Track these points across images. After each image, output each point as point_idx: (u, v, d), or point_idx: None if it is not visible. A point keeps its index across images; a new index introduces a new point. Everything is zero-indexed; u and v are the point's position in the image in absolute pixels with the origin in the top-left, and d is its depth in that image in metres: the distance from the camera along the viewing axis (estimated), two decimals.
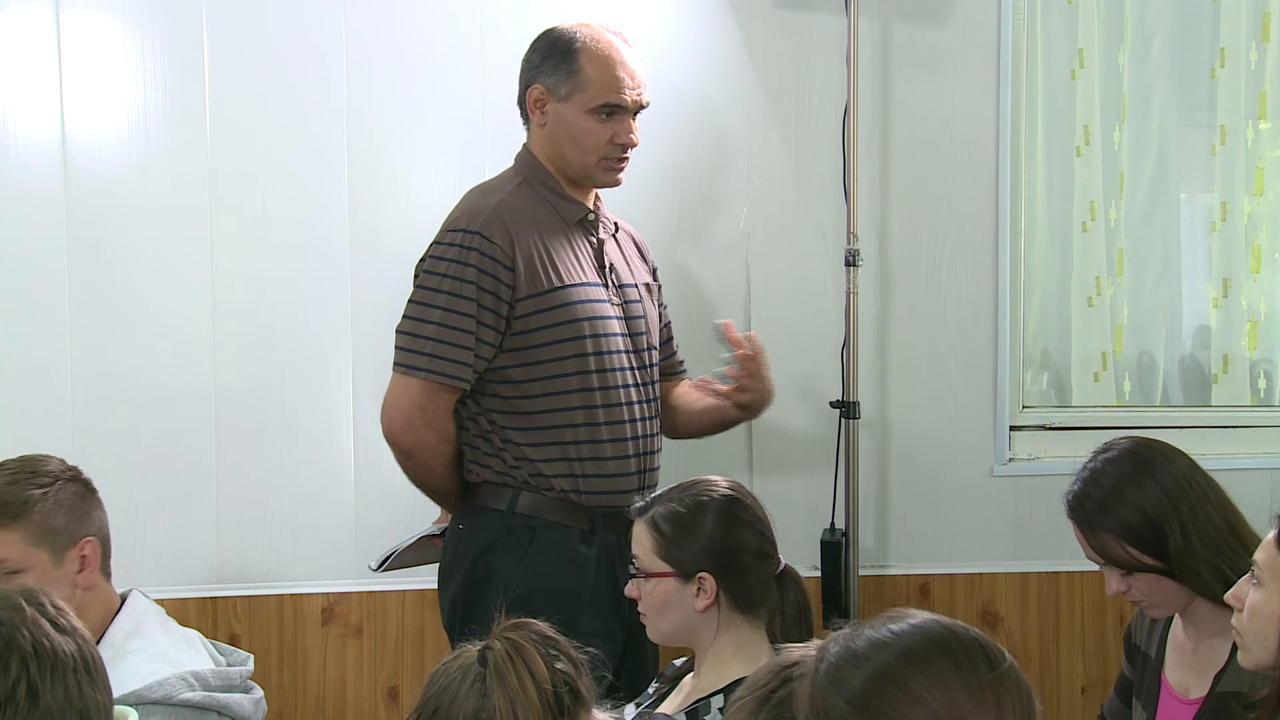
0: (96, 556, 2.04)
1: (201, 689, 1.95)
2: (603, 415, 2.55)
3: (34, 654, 1.37)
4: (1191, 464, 2.14)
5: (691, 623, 2.11)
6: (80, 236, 3.03)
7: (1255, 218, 3.52)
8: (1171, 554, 2.06)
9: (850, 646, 1.31)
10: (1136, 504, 2.08)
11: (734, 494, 2.16)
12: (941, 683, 1.26)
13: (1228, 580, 2.02)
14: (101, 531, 2.08)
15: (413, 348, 2.50)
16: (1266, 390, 3.57)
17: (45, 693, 1.36)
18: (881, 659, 1.28)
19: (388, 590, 3.12)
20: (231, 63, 3.06)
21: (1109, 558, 2.12)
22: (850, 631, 1.33)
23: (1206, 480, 2.13)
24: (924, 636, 1.30)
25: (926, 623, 1.31)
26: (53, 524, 1.99)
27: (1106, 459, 2.15)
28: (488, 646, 1.55)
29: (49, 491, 2.01)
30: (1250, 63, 3.48)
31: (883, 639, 1.30)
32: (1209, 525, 2.07)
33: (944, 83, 3.25)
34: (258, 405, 3.09)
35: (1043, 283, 3.47)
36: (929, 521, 3.29)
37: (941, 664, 1.27)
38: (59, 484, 2.03)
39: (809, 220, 3.23)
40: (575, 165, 2.60)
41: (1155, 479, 2.09)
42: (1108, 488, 2.11)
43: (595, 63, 2.56)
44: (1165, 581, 2.09)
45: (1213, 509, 2.09)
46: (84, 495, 2.07)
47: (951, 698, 1.25)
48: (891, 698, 1.26)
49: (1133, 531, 2.08)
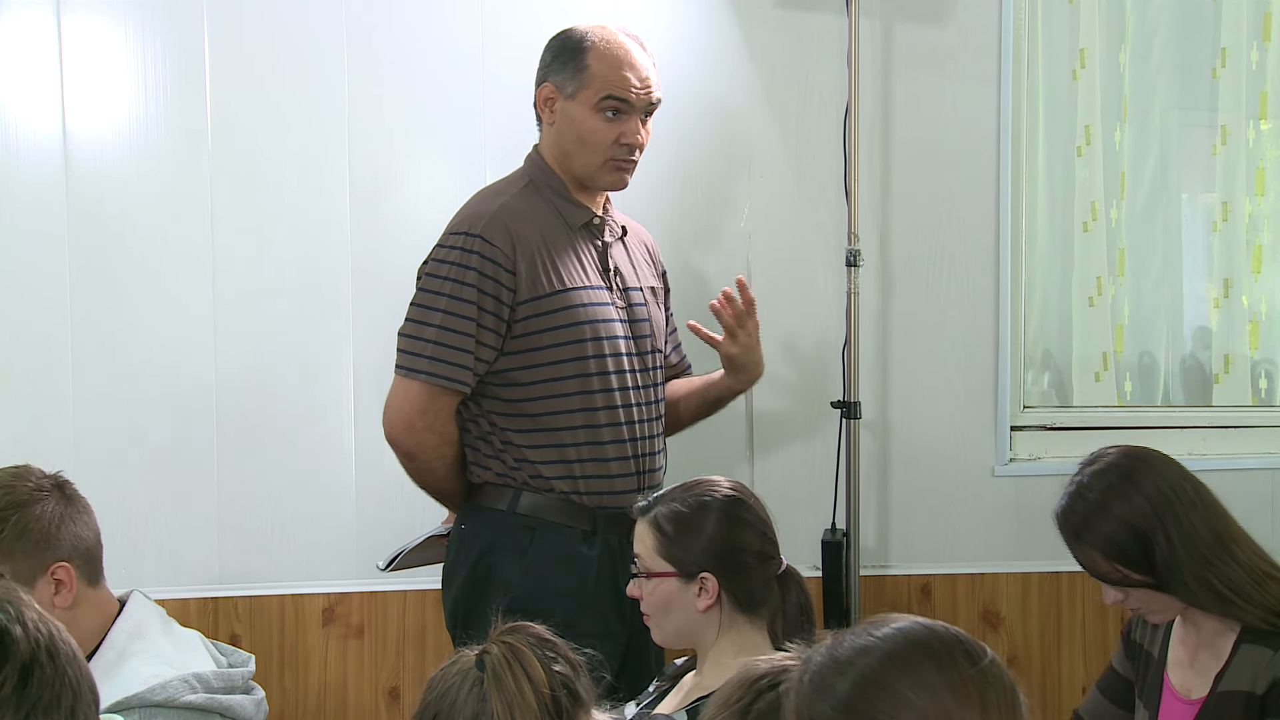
0: (73, 579, 1.97)
1: (204, 691, 1.95)
2: (604, 417, 2.55)
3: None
4: (1179, 472, 2.11)
5: (694, 623, 2.12)
6: (81, 236, 3.03)
7: (1256, 218, 3.51)
8: (1159, 566, 2.04)
9: (833, 654, 1.32)
10: (1122, 518, 2.06)
11: (736, 494, 2.16)
12: (925, 683, 1.27)
13: (1215, 591, 2.02)
14: (80, 547, 2.00)
15: (414, 350, 2.50)
16: (1268, 390, 3.57)
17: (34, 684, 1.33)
18: (865, 663, 1.29)
19: (389, 590, 3.12)
20: (233, 63, 3.06)
21: (1096, 573, 2.11)
22: (833, 640, 1.34)
23: (1195, 488, 2.10)
24: (905, 639, 1.31)
25: (907, 625, 1.33)
26: (9, 563, 1.91)
27: (1092, 471, 2.13)
28: (485, 651, 1.55)
29: (2, 528, 1.93)
30: (1251, 62, 3.47)
31: (865, 644, 1.31)
32: (1195, 536, 2.04)
33: (945, 83, 3.24)
34: (259, 405, 3.09)
35: (1044, 283, 3.47)
36: (930, 522, 3.29)
37: (924, 664, 1.28)
38: (13, 517, 1.95)
39: (810, 220, 3.23)
40: (580, 165, 2.59)
41: (1140, 491, 2.07)
42: (1093, 501, 2.09)
43: (602, 60, 2.56)
44: (1159, 593, 2.08)
45: (1199, 518, 2.06)
46: (50, 518, 1.98)
47: (936, 697, 1.26)
48: (877, 701, 1.27)
49: (1118, 546, 2.06)
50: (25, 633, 1.33)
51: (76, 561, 2.00)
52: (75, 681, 1.34)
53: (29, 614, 1.35)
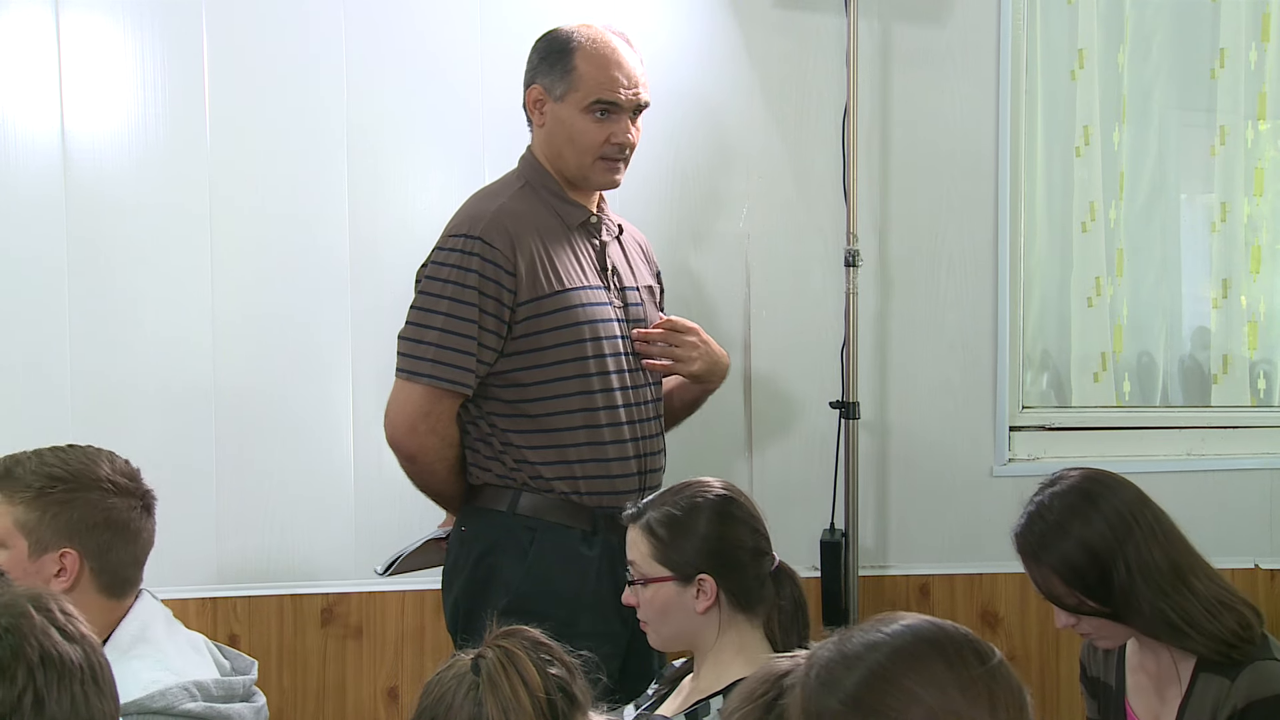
0: (75, 571, 1.95)
1: (203, 699, 1.94)
2: (604, 417, 2.55)
3: (40, 663, 1.34)
4: (1138, 497, 2.10)
5: (693, 625, 2.11)
6: (80, 237, 3.03)
7: (1255, 218, 3.52)
8: (1116, 594, 2.03)
9: (842, 649, 1.32)
10: (1081, 539, 2.04)
11: (727, 493, 2.16)
12: (935, 679, 1.27)
13: (1170, 622, 2.01)
14: (106, 560, 1.98)
15: (415, 354, 2.50)
16: (1266, 390, 3.57)
17: (51, 703, 1.34)
18: (874, 658, 1.29)
19: (387, 591, 3.12)
20: (231, 64, 3.06)
21: (1052, 596, 2.09)
22: (839, 636, 1.34)
23: (1155, 515, 2.08)
24: (915, 635, 1.31)
25: (917, 622, 1.33)
26: (29, 519, 1.92)
27: (1052, 492, 2.11)
28: (480, 655, 1.55)
29: (51, 490, 1.94)
30: (1250, 63, 3.48)
31: (874, 640, 1.31)
32: (1153, 566, 2.02)
33: (944, 83, 3.24)
34: (258, 406, 3.09)
35: (1042, 283, 3.47)
36: (929, 522, 3.29)
37: (933, 661, 1.28)
38: (76, 487, 1.96)
39: (809, 221, 3.23)
40: (572, 165, 2.59)
41: (1100, 514, 2.05)
42: (1052, 522, 2.08)
43: (590, 61, 2.55)
44: (1113, 622, 2.07)
45: (1158, 548, 2.04)
46: (109, 514, 1.97)
47: (946, 694, 1.26)
48: (886, 695, 1.27)
49: (1076, 571, 2.04)
50: (10, 677, 1.32)
51: (94, 565, 1.97)
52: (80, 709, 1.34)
53: (30, 649, 1.33)
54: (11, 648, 1.34)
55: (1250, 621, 2.03)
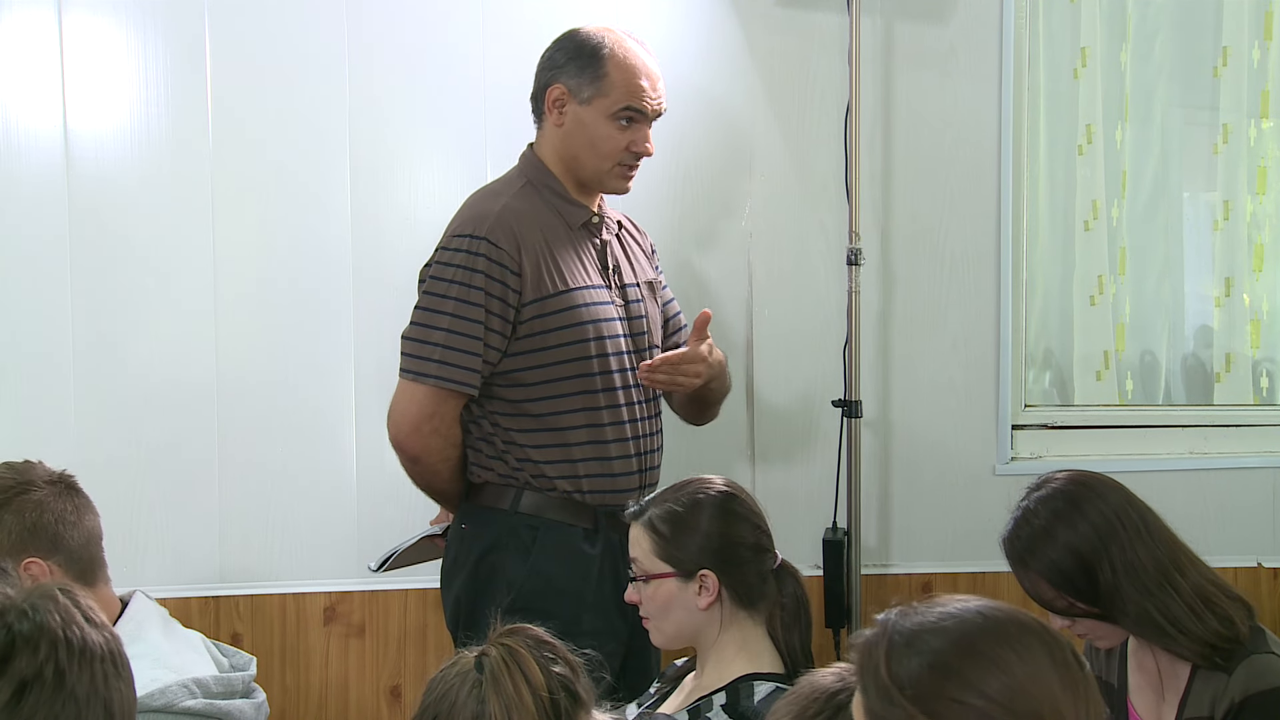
0: (46, 575, 1.96)
1: (203, 696, 1.95)
2: (606, 416, 2.55)
3: (64, 640, 1.38)
4: (1124, 498, 2.09)
5: (695, 622, 2.12)
6: (82, 235, 3.03)
7: (1258, 216, 3.51)
8: (1103, 594, 2.02)
9: (928, 615, 1.32)
10: (1068, 544, 2.04)
11: (729, 490, 2.16)
12: (1031, 657, 1.29)
13: (1155, 622, 2.00)
14: (69, 546, 2.00)
15: (420, 354, 2.50)
16: (1269, 389, 3.57)
17: (71, 677, 1.37)
18: (970, 625, 1.31)
19: (390, 589, 3.12)
20: (234, 62, 3.06)
21: (1042, 600, 2.08)
22: (922, 604, 1.35)
23: (1141, 515, 2.07)
24: (1013, 614, 1.33)
25: (1008, 606, 1.35)
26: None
27: (1039, 497, 2.11)
28: (484, 653, 1.55)
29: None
30: (1253, 61, 3.47)
31: (967, 611, 1.32)
32: (1138, 566, 2.02)
33: (946, 81, 3.24)
34: (260, 404, 3.09)
35: (1045, 281, 3.47)
36: (931, 520, 3.29)
37: (1031, 642, 1.30)
38: (12, 501, 1.98)
39: (811, 219, 3.23)
40: (589, 169, 2.60)
41: (1086, 518, 2.04)
42: (1039, 528, 2.07)
43: (621, 69, 2.56)
44: (1104, 622, 2.07)
45: (1143, 548, 2.03)
46: (43, 510, 1.99)
47: (1041, 676, 1.28)
48: (976, 660, 1.28)
49: (1064, 574, 2.04)
50: (34, 647, 1.36)
51: (58, 558, 1.99)
52: (86, 700, 1.36)
53: (53, 623, 1.38)
54: (38, 622, 1.39)
55: (1234, 619, 2.01)
